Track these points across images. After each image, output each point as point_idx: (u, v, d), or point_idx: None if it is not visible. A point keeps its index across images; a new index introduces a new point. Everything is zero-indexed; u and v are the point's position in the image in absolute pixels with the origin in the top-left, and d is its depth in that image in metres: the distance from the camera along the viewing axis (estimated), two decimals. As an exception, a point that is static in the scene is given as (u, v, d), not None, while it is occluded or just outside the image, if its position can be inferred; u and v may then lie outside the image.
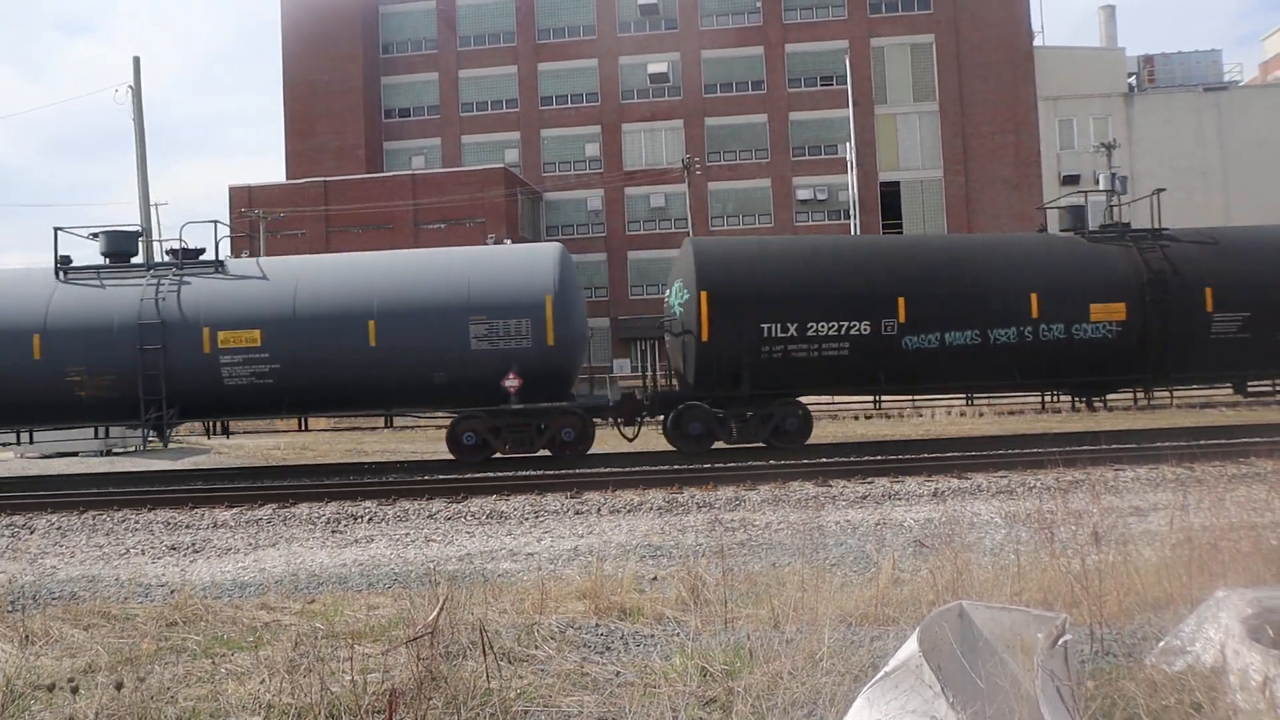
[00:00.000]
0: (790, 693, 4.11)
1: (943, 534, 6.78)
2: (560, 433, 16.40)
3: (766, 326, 16.41)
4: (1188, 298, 17.07)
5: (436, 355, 16.20)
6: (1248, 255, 17.69)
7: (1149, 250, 17.56)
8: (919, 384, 17.65)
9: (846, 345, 16.47)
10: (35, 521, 12.16)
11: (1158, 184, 51.20)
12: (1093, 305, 16.93)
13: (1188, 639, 4.26)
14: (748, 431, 16.72)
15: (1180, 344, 17.11)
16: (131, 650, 5.59)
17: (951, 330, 16.59)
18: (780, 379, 16.66)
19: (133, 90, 31.20)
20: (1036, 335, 16.74)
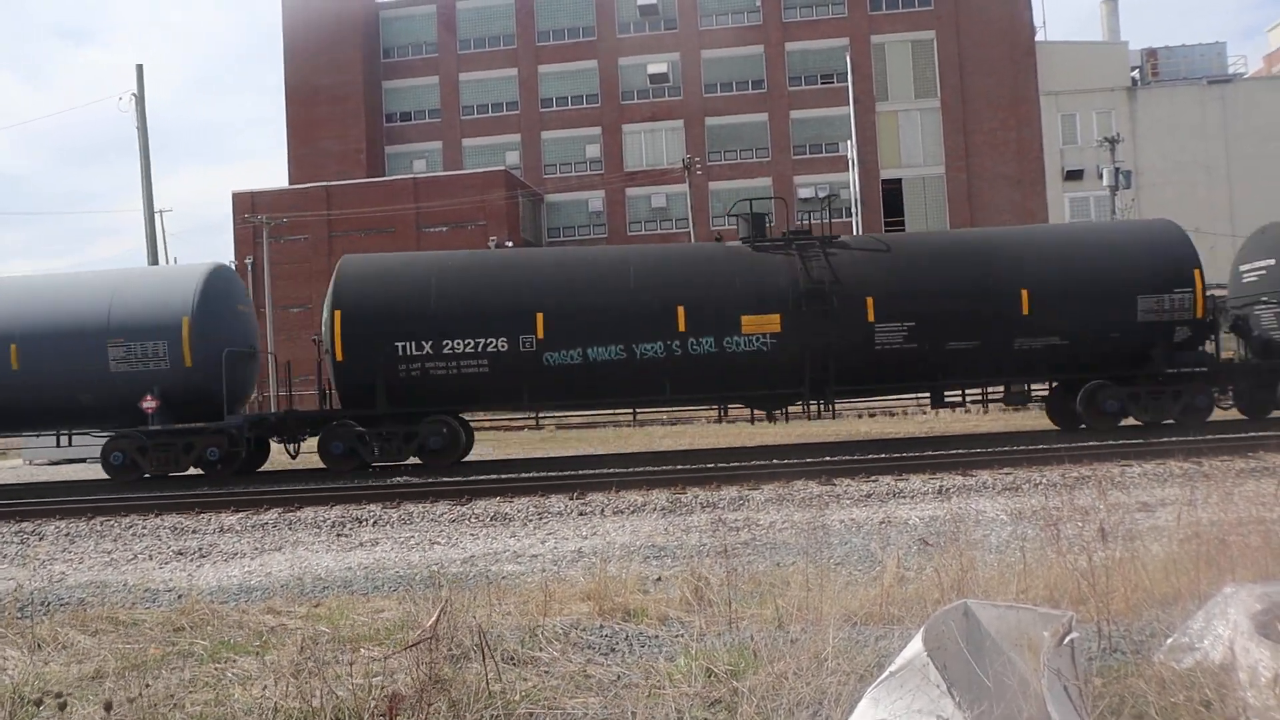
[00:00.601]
0: (795, 693, 4.09)
1: (948, 532, 6.76)
2: (206, 452, 16.49)
3: (401, 345, 16.25)
4: (849, 308, 16.54)
5: (79, 378, 16.36)
6: (915, 263, 17.21)
7: (812, 259, 16.97)
8: (563, 400, 17.33)
9: (485, 362, 16.27)
10: (44, 528, 12.19)
11: (1162, 178, 51.38)
12: (744, 318, 16.42)
13: (1196, 635, 4.23)
14: (390, 450, 16.54)
15: (843, 356, 16.62)
16: (139, 656, 5.59)
17: (595, 346, 16.24)
18: (419, 397, 16.45)
19: (136, 98, 31.24)
20: (685, 349, 16.28)
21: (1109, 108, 52.82)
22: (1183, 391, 16.98)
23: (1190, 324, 17.08)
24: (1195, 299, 16.91)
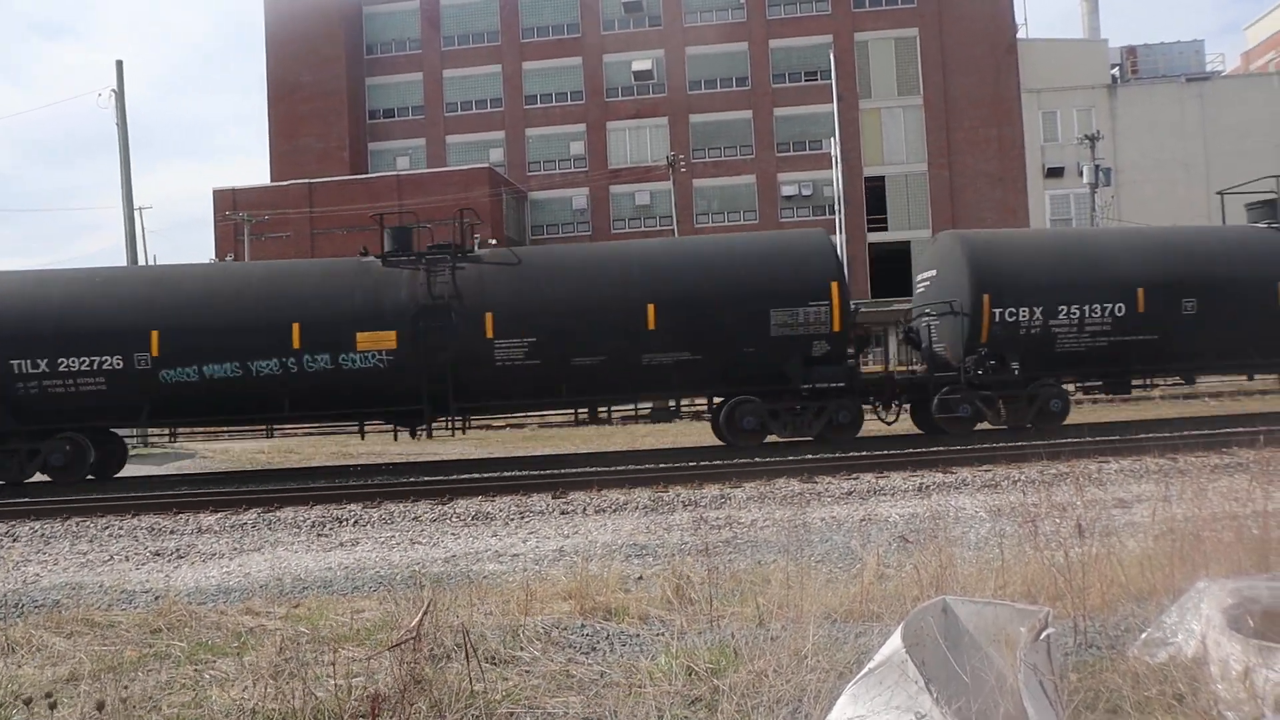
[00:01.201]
0: (775, 690, 4.10)
1: (927, 529, 6.79)
2: None
3: (18, 363, 16.04)
4: (470, 324, 16.36)
5: None
6: (541, 278, 16.86)
7: (439, 275, 16.65)
8: (182, 417, 17.14)
9: (103, 380, 16.08)
10: (18, 529, 12.09)
11: (1142, 175, 51.68)
12: (359, 334, 16.14)
13: (1170, 630, 4.27)
14: (10, 468, 16.43)
15: (463, 373, 16.41)
16: (115, 658, 5.56)
17: (211, 363, 16.08)
18: (40, 415, 16.31)
19: (115, 94, 31.03)
20: (301, 366, 16.08)
21: (1089, 105, 53.10)
22: (825, 408, 16.79)
23: (828, 338, 16.70)
24: (832, 312, 16.60)
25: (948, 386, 17.24)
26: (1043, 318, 17.28)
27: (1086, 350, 17.52)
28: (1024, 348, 17.28)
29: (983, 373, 17.20)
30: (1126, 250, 18.09)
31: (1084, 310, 17.32)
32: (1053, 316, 17.31)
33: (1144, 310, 17.39)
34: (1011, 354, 17.24)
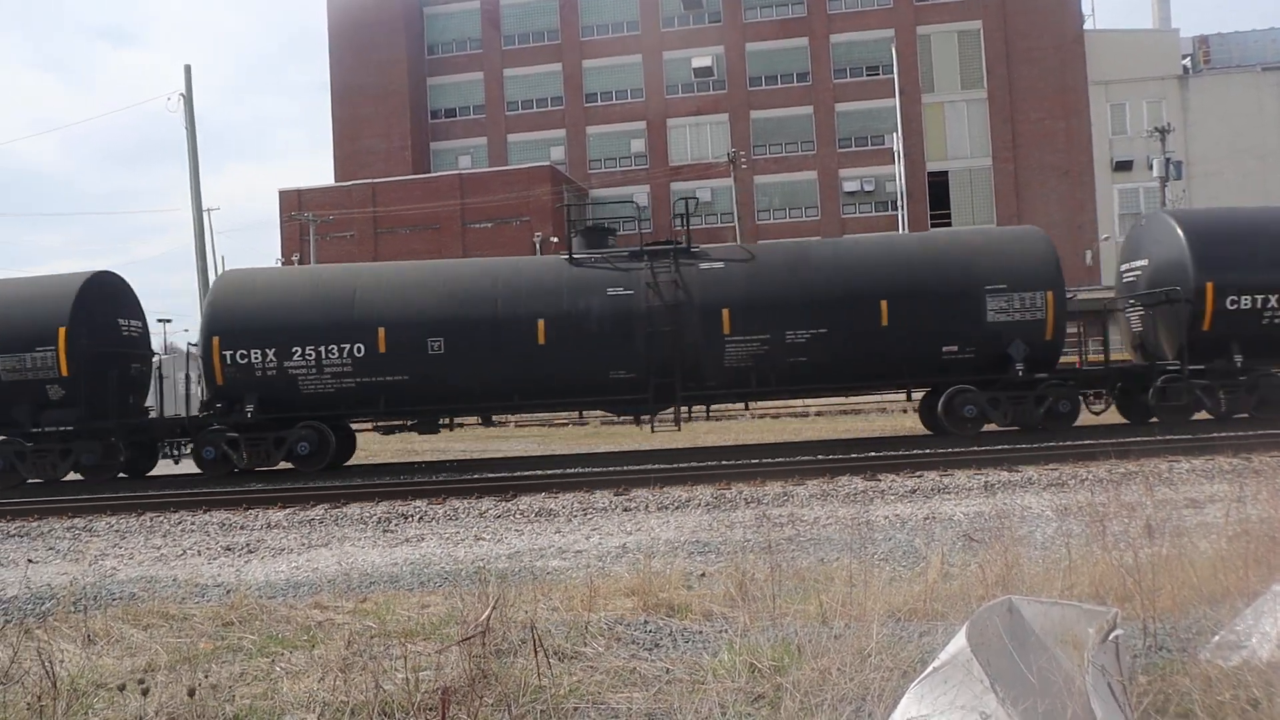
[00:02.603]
0: (839, 688, 4.10)
1: (992, 528, 6.72)
2: None
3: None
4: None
5: None
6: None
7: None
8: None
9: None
10: (95, 524, 12.43)
11: (1215, 167, 50.45)
12: None
13: (1244, 634, 4.19)
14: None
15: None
16: (190, 650, 5.70)
17: None
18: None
19: (184, 98, 31.71)
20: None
21: (1159, 97, 51.95)
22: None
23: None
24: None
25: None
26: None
27: None
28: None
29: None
30: None
31: None
32: None
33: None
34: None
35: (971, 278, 16.68)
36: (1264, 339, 16.78)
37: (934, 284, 16.70)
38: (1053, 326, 16.62)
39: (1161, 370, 17.21)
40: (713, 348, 16.46)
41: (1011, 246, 17.37)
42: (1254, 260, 16.83)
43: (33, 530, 12.27)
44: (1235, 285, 16.66)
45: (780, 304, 16.51)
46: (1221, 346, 16.77)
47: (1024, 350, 16.46)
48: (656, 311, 16.41)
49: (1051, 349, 16.82)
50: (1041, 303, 16.56)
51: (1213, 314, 16.68)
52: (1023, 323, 16.54)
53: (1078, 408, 16.99)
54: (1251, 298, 16.65)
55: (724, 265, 16.93)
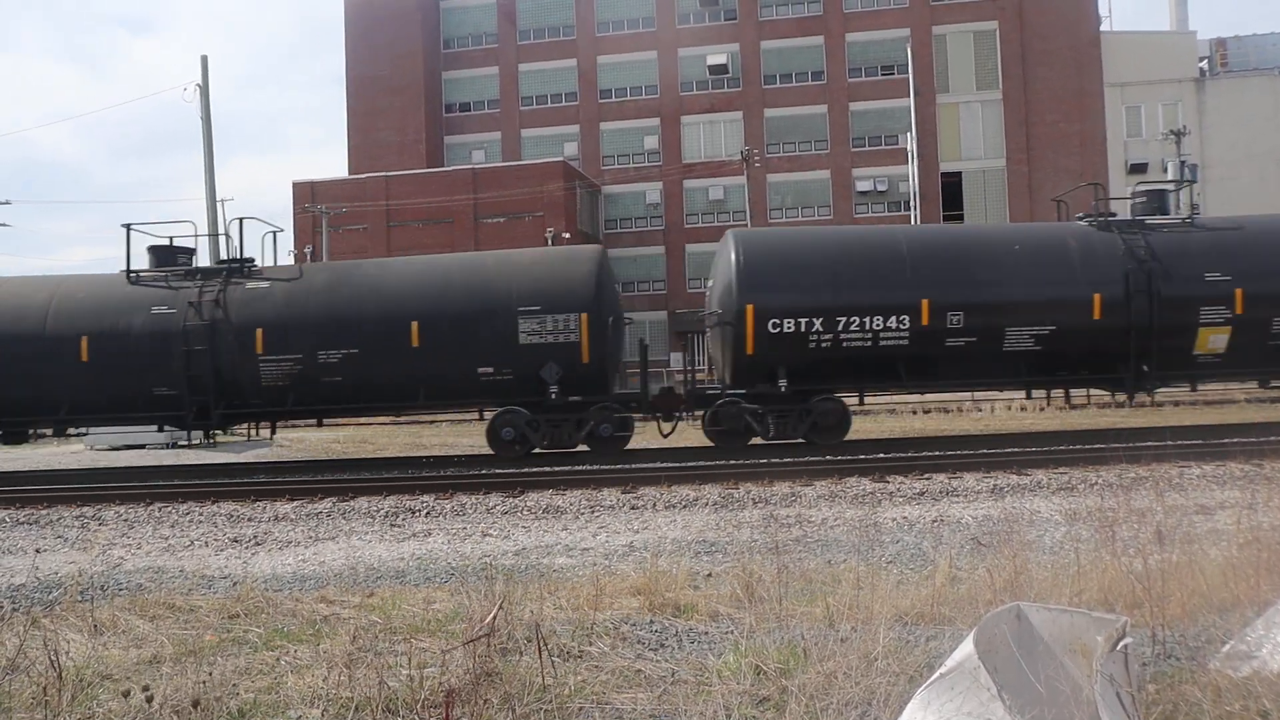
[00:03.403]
0: (845, 692, 4.08)
1: (1001, 532, 6.68)
2: None
3: None
4: None
5: None
6: None
7: None
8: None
9: None
10: (104, 513, 12.47)
11: (1231, 171, 50.19)
12: None
13: (1255, 643, 4.15)
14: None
15: None
16: (195, 642, 5.71)
17: None
18: None
19: (200, 89, 31.78)
20: None
21: (1175, 99, 51.69)
22: None
23: None
24: None
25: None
26: None
27: None
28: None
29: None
30: None
31: None
32: None
33: None
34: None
35: (504, 299, 16.68)
36: (810, 363, 16.63)
37: (467, 305, 16.75)
38: (588, 349, 16.49)
39: (700, 394, 17.38)
40: (248, 367, 16.67)
41: (551, 268, 17.32)
42: (798, 284, 16.63)
43: (41, 518, 12.32)
44: (777, 309, 16.45)
45: (314, 324, 16.67)
46: (767, 370, 16.65)
47: (557, 372, 16.40)
48: (194, 330, 16.67)
49: (590, 371, 16.68)
50: (576, 325, 16.47)
51: (754, 337, 16.48)
52: (557, 344, 16.47)
53: (626, 431, 17.01)
54: (795, 321, 16.43)
55: (268, 285, 17.10)
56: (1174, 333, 16.62)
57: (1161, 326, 16.55)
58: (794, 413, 16.69)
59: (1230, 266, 16.66)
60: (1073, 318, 16.52)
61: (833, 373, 16.83)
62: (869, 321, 16.33)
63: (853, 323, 16.32)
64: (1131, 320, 16.49)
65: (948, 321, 16.34)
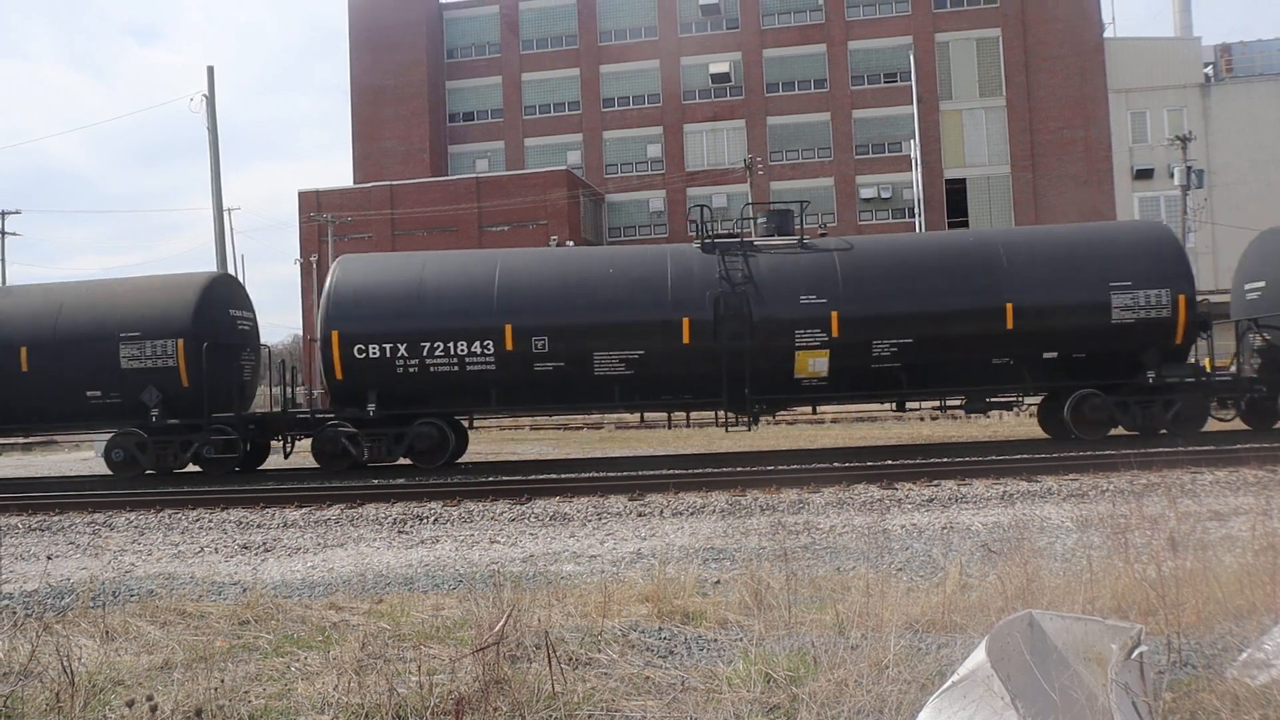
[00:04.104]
0: (855, 700, 4.06)
1: (1012, 539, 6.65)
2: None
3: None
4: None
5: None
6: None
7: None
8: None
9: None
10: (115, 520, 12.49)
11: (1237, 176, 50.13)
12: None
13: (1272, 652, 4.12)
14: None
15: None
16: (206, 648, 5.70)
17: None
18: None
19: (207, 99, 31.86)
20: None
21: (1180, 105, 51.65)
22: None
23: None
24: None
25: None
26: None
27: None
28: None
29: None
30: None
31: None
32: None
33: None
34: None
35: (110, 325, 17.21)
36: (398, 388, 16.78)
37: (72, 332, 17.32)
38: (186, 374, 17.05)
39: (292, 418, 17.93)
40: None
41: (151, 296, 17.75)
42: (381, 311, 16.83)
43: (53, 525, 12.35)
44: (362, 335, 16.68)
45: None
46: (357, 394, 16.84)
47: (157, 396, 16.99)
48: None
49: (190, 395, 17.11)
50: (174, 350, 17.07)
51: (341, 362, 16.71)
52: (156, 369, 17.07)
53: (233, 453, 17.21)
54: (380, 347, 16.60)
55: None
56: (771, 356, 16.41)
57: (756, 350, 16.34)
58: (388, 436, 16.87)
59: (828, 289, 16.44)
60: (662, 342, 16.34)
61: (422, 397, 16.87)
62: (454, 347, 16.45)
63: (437, 348, 16.46)
64: (723, 344, 16.28)
65: (533, 346, 16.34)
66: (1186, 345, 16.87)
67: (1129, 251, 16.92)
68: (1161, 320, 16.48)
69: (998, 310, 16.39)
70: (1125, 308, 16.44)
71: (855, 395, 18.10)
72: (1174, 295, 16.51)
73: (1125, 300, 16.44)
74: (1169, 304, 16.49)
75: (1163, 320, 16.48)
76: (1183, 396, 16.63)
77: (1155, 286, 16.52)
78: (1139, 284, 16.49)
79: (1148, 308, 16.46)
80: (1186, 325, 16.55)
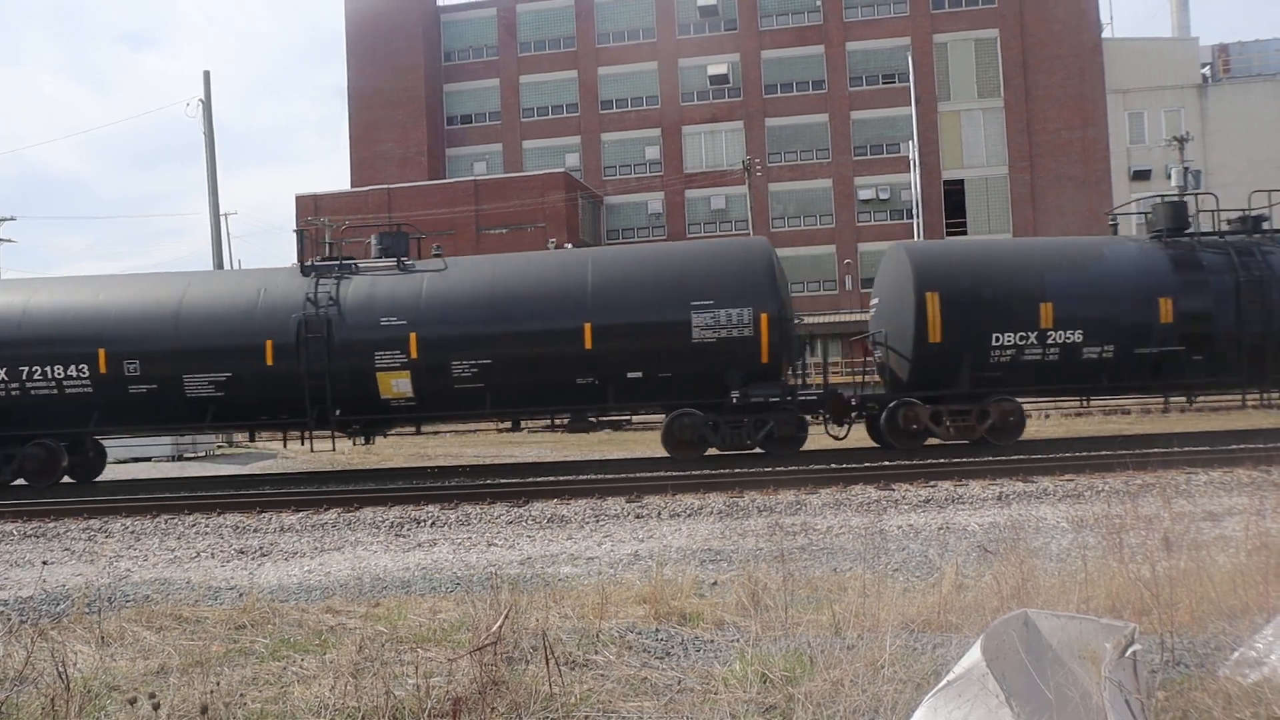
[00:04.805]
0: (851, 700, 4.07)
1: (1007, 539, 6.67)
2: None
3: None
4: None
5: None
6: None
7: None
8: None
9: None
10: (110, 525, 12.47)
11: (1235, 177, 50.18)
12: None
13: (1264, 650, 4.14)
14: None
15: None
16: (202, 653, 5.70)
17: None
18: None
19: (203, 104, 31.87)
20: None
21: (1178, 106, 51.72)
22: None
23: None
24: None
25: None
26: None
27: None
28: None
29: None
30: None
31: None
32: None
33: None
34: None
35: None
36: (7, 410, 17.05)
37: None
38: None
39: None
40: None
41: None
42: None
43: (49, 531, 12.32)
44: None
45: None
46: None
47: None
48: None
49: None
50: None
51: None
52: None
53: None
54: None
55: None
56: (354, 377, 16.53)
57: (337, 371, 16.48)
58: None
59: (408, 311, 16.55)
60: (248, 364, 16.51)
61: (30, 420, 17.03)
62: (51, 370, 16.66)
63: (36, 370, 16.69)
64: (306, 366, 16.44)
65: (125, 370, 16.56)
66: (775, 364, 16.66)
67: (713, 270, 16.82)
68: (745, 339, 16.37)
69: (576, 331, 16.31)
70: (706, 327, 16.39)
71: (441, 416, 18.37)
72: (756, 314, 16.35)
73: (706, 319, 16.38)
74: (751, 323, 16.37)
75: (746, 339, 16.37)
76: (775, 415, 16.56)
77: (737, 305, 16.40)
78: (721, 303, 16.39)
79: (729, 326, 16.37)
80: (770, 344, 16.36)
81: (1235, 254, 17.51)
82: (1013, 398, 17.03)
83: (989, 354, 16.88)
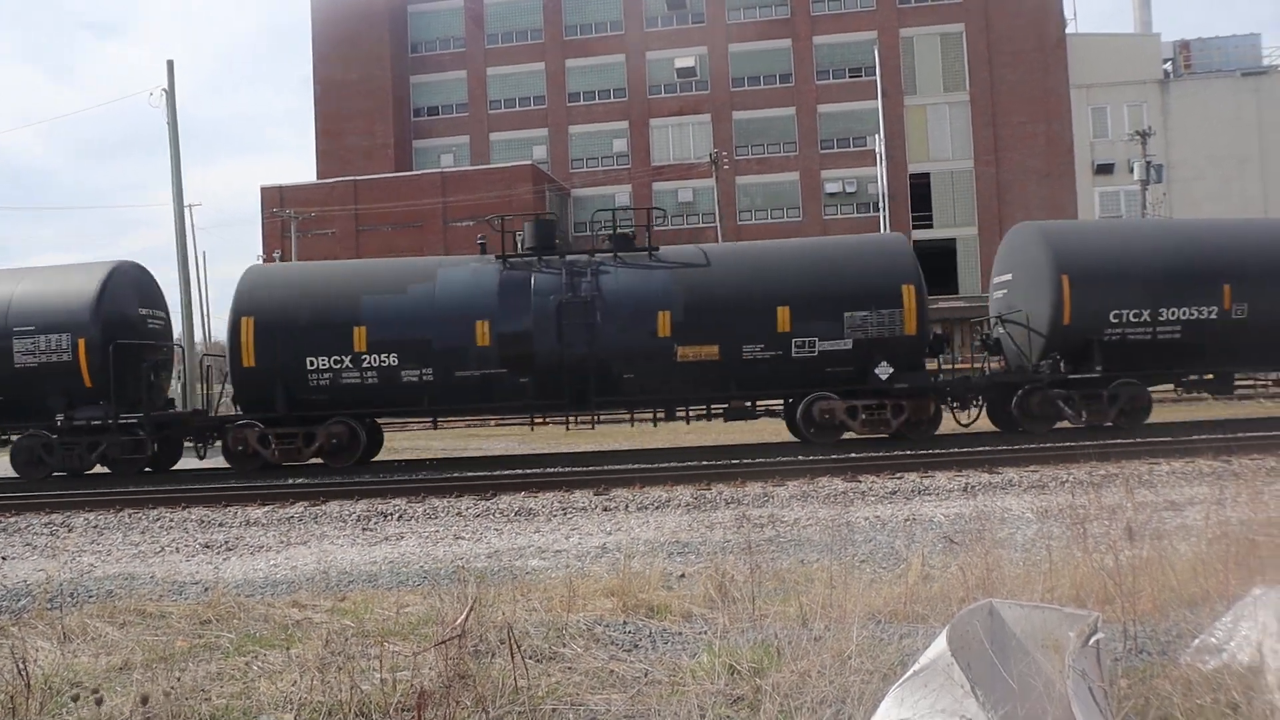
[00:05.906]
0: (818, 691, 4.08)
1: (973, 530, 6.72)
2: None
3: None
4: None
5: None
6: None
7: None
8: None
9: None
10: (73, 520, 12.32)
11: (1195, 172, 50.78)
12: None
13: (1224, 637, 4.19)
14: None
15: None
16: (166, 648, 5.64)
17: None
18: None
19: (166, 93, 31.44)
20: None
21: (1140, 101, 52.26)
22: None
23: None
24: None
25: None
26: None
27: None
28: None
29: None
30: None
31: None
32: None
33: None
34: None
35: None
36: None
37: None
38: None
39: None
40: None
41: None
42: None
43: (9, 526, 12.15)
44: None
45: None
46: None
47: None
48: None
49: None
50: None
51: None
52: None
53: None
54: None
55: None
56: None
57: None
58: None
59: None
60: None
61: None
62: None
63: None
64: None
65: None
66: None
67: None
68: (65, 364, 16.94)
69: None
70: (27, 351, 16.99)
71: None
72: (75, 339, 16.90)
73: (27, 345, 17.00)
74: (69, 347, 16.92)
75: (65, 364, 16.93)
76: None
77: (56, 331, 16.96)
78: (41, 329, 16.99)
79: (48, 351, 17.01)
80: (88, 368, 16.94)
81: (567, 274, 17.21)
82: None
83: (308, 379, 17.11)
